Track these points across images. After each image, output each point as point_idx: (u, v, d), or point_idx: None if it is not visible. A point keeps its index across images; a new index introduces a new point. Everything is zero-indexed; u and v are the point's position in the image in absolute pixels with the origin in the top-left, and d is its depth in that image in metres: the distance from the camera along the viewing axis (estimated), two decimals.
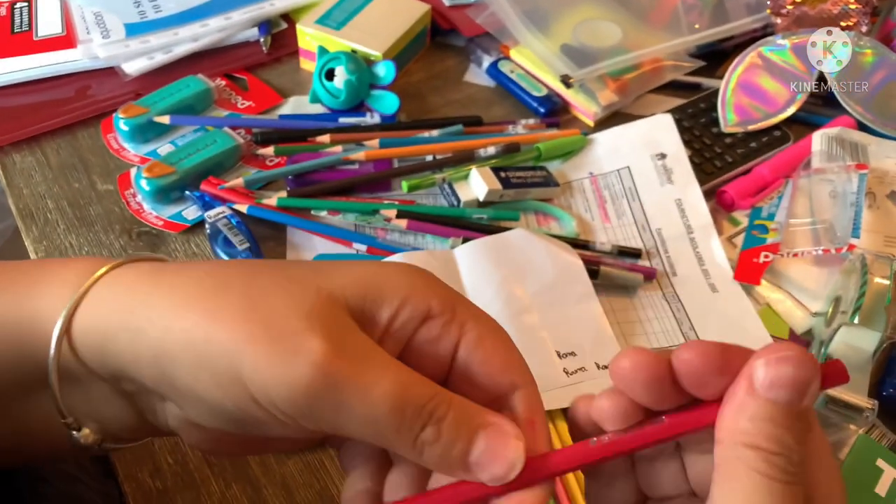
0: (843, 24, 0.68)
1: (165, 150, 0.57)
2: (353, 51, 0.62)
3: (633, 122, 0.61)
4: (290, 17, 0.70)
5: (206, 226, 0.52)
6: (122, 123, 0.57)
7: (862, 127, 0.63)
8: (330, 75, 0.61)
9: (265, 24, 0.68)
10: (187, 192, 0.54)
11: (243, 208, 0.52)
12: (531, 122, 0.63)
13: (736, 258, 0.54)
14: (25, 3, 0.68)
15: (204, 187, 0.53)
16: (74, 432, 0.27)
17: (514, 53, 0.67)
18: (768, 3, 0.69)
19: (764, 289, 0.52)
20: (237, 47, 0.67)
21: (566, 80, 0.63)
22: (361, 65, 0.61)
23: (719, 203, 0.58)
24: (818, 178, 0.57)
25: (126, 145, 0.58)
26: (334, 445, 0.29)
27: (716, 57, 0.69)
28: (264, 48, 0.67)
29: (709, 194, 0.58)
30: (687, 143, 0.59)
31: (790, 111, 0.63)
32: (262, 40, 0.67)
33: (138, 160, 0.57)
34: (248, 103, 0.63)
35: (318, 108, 0.63)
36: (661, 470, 0.26)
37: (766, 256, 0.53)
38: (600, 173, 0.59)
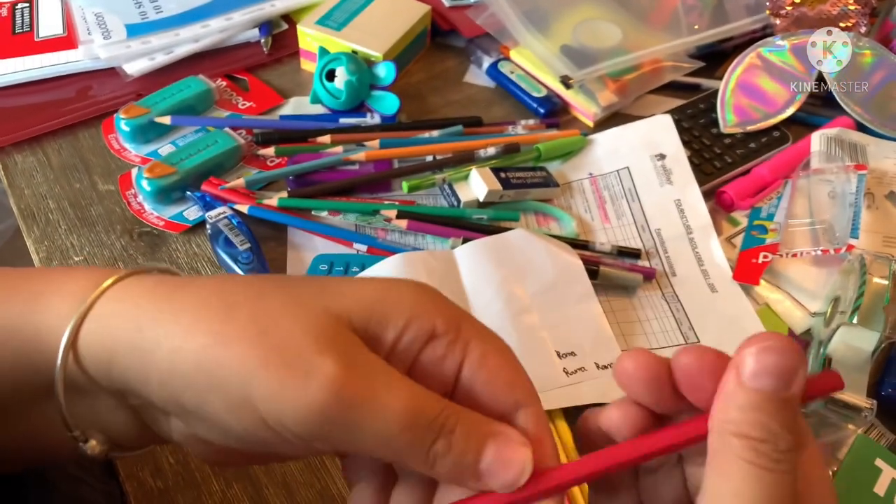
0: (841, 24, 0.68)
1: (166, 150, 0.58)
2: (354, 51, 0.62)
3: (632, 122, 0.62)
4: (290, 17, 0.70)
5: (207, 226, 0.52)
6: (123, 124, 0.57)
7: (861, 127, 0.63)
8: (330, 76, 0.61)
9: (266, 25, 0.68)
10: (188, 193, 0.54)
11: (244, 209, 0.52)
12: (531, 122, 0.63)
13: (735, 258, 0.54)
14: (27, 4, 0.68)
15: (205, 188, 0.54)
16: (81, 444, 0.27)
17: (513, 54, 0.67)
18: (767, 4, 0.70)
19: (763, 289, 0.53)
20: (238, 48, 0.67)
21: (566, 81, 0.63)
22: (362, 65, 0.61)
23: (718, 203, 0.59)
24: (817, 178, 0.57)
25: (127, 146, 0.58)
26: (338, 454, 0.29)
27: (715, 58, 0.69)
28: (265, 49, 0.67)
29: (708, 195, 0.58)
30: (686, 144, 0.60)
31: (789, 112, 0.63)
32: (262, 41, 0.67)
33: (139, 160, 0.57)
34: (248, 104, 0.63)
35: (318, 109, 0.63)
36: (664, 482, 0.27)
37: (765, 257, 0.53)
38: (600, 174, 0.60)
